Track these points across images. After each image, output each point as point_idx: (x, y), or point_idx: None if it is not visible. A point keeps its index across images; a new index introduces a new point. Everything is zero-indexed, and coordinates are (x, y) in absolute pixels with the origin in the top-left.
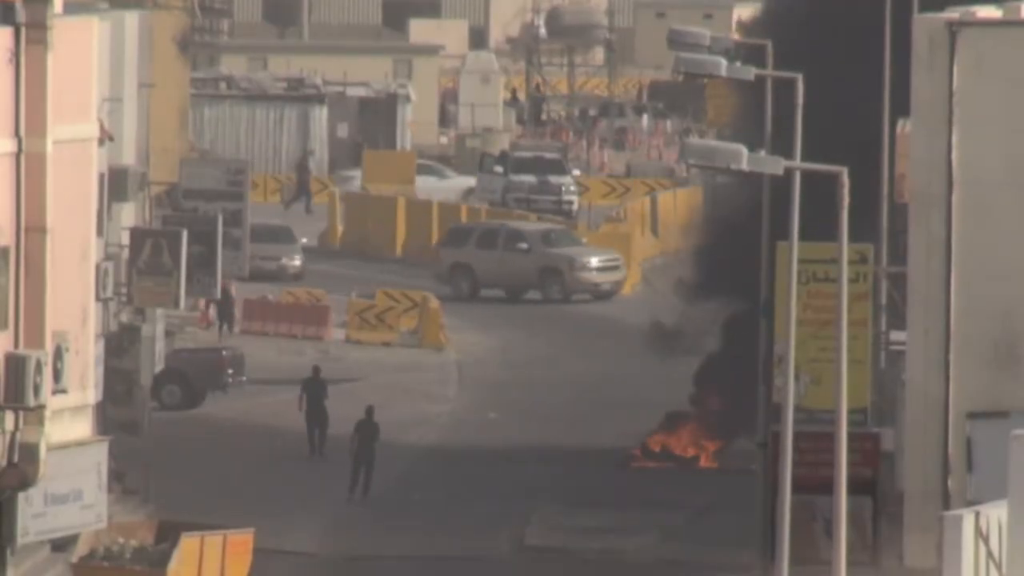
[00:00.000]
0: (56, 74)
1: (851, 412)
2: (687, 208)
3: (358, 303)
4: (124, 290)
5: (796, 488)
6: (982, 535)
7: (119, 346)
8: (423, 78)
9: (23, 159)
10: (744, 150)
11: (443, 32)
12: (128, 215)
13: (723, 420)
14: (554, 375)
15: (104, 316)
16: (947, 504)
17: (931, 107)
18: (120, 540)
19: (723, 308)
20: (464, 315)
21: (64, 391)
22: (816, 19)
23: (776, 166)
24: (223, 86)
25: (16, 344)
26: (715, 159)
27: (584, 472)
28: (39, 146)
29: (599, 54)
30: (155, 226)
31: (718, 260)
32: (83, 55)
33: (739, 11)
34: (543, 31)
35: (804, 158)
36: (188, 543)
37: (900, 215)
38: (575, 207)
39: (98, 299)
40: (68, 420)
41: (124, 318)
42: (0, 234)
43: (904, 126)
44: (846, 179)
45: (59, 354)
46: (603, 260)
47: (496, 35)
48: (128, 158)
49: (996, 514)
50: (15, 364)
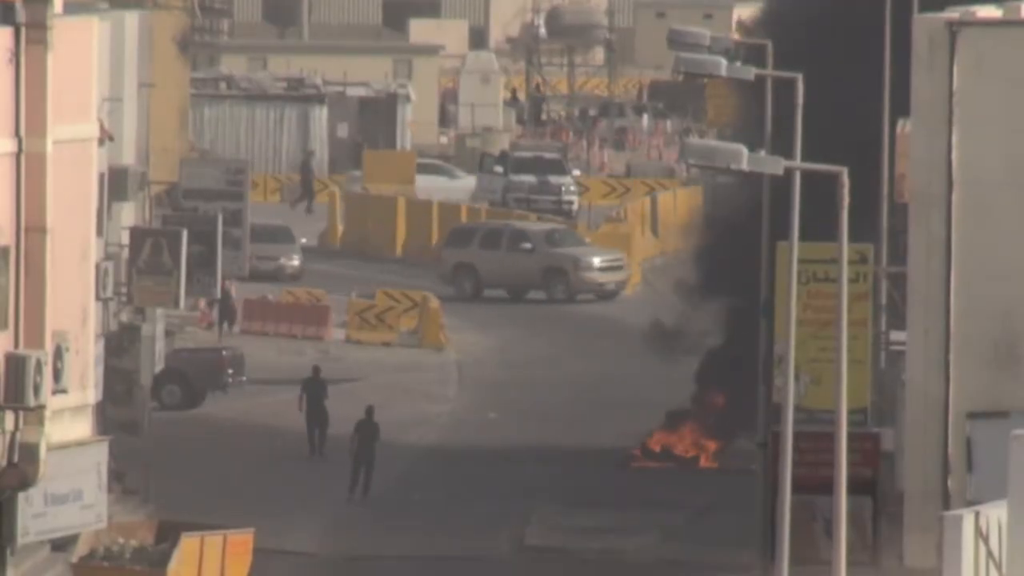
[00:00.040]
0: (56, 74)
1: (851, 412)
2: (687, 208)
3: (358, 303)
4: (124, 290)
5: (796, 488)
6: (982, 535)
7: (119, 346)
8: (423, 78)
9: (23, 159)
10: (744, 150)
11: (443, 32)
12: (128, 215)
13: (723, 419)
14: (554, 375)
15: (104, 316)
16: (947, 504)
17: (931, 107)
18: (120, 540)
19: (723, 308)
20: (464, 315)
21: (64, 391)
22: (816, 19)
23: (776, 166)
24: (223, 86)
25: (16, 344)
26: (715, 159)
27: (584, 472)
28: (39, 146)
29: (599, 54)
30: (155, 226)
31: (718, 260)
32: (83, 55)
33: (739, 11)
34: (543, 31)
35: (804, 158)
36: (188, 543)
37: (900, 215)
38: (575, 207)
39: (98, 299)
40: (68, 420)
41: (124, 318)
42: (0, 234)
43: (904, 126)
44: (846, 179)
45: (59, 354)
46: (607, 260)
47: (496, 35)
48: (128, 158)
49: (996, 514)
50: (15, 364)
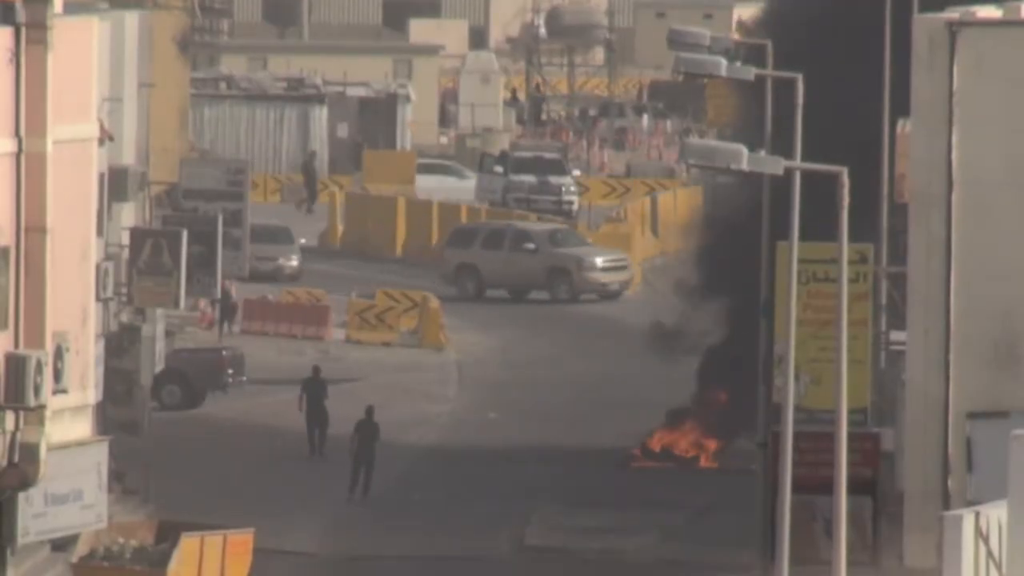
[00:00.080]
0: (56, 74)
1: (851, 412)
2: (687, 208)
3: (358, 303)
4: (124, 290)
5: (796, 488)
6: (982, 535)
7: (119, 346)
8: (423, 78)
9: (23, 159)
10: (744, 150)
11: (443, 32)
12: (128, 215)
13: (724, 417)
14: (554, 375)
15: (104, 316)
16: (947, 504)
17: (931, 107)
18: (120, 540)
19: (723, 308)
20: (465, 315)
21: (64, 391)
22: (816, 19)
23: (776, 166)
24: (223, 86)
25: (16, 344)
26: (715, 159)
27: (584, 472)
28: (39, 146)
29: (599, 54)
30: (155, 226)
31: (718, 260)
32: (83, 55)
33: (739, 11)
34: (543, 31)
35: (804, 158)
36: (188, 543)
37: (900, 215)
38: (575, 207)
39: (98, 299)
40: (68, 420)
41: (124, 318)
42: (0, 234)
43: (904, 126)
44: (846, 179)
45: (59, 354)
46: (611, 260)
47: (496, 35)
48: (128, 158)
49: (996, 514)
50: (15, 364)
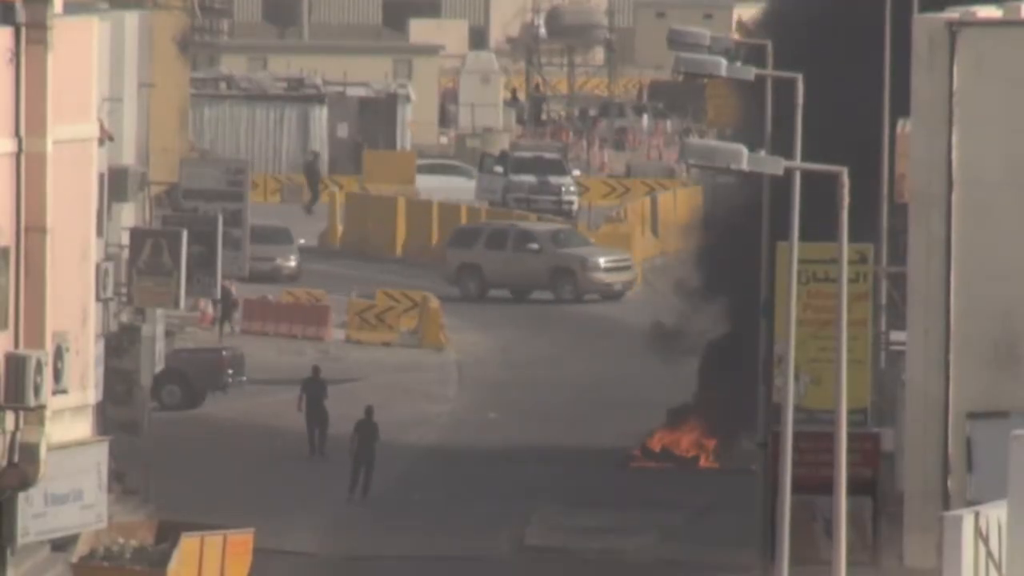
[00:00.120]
0: (56, 74)
1: (851, 412)
2: (687, 208)
3: (358, 303)
4: (124, 290)
5: (796, 488)
6: (982, 535)
7: (119, 346)
8: (423, 78)
9: (23, 159)
10: (744, 150)
11: (443, 32)
12: (128, 215)
13: (725, 416)
14: (554, 375)
15: (104, 316)
16: (947, 504)
17: (931, 107)
18: (120, 540)
19: (723, 308)
20: (465, 315)
21: (64, 391)
22: (816, 19)
23: (776, 166)
24: (223, 86)
25: (16, 344)
26: (715, 159)
27: (584, 472)
28: (39, 146)
29: (599, 54)
30: (155, 226)
31: (718, 260)
32: (83, 55)
33: (739, 11)
34: (543, 31)
35: (804, 158)
36: (188, 543)
37: (900, 215)
38: (575, 207)
39: (98, 299)
40: (68, 420)
41: (124, 318)
42: (0, 234)
43: (904, 126)
44: (846, 179)
45: (59, 354)
46: (614, 260)
47: (496, 35)
48: (128, 158)
49: (996, 514)
50: (15, 364)
